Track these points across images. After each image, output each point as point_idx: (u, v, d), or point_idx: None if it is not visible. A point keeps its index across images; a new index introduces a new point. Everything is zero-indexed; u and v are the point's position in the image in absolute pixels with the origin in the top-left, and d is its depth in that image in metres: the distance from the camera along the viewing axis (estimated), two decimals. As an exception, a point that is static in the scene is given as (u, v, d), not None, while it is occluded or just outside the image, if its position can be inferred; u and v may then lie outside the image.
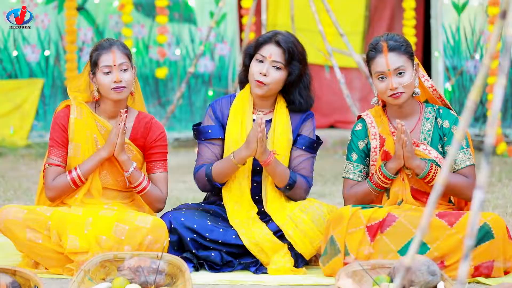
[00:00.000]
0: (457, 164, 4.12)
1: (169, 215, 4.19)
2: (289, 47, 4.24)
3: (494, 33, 2.13)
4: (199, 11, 10.49)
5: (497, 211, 5.73)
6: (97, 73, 4.16)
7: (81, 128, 4.21)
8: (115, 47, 4.18)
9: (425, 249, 3.92)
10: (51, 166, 4.20)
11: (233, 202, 4.26)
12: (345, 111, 10.94)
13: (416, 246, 2.08)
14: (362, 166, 4.20)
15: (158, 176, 4.26)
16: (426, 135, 4.15)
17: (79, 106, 4.24)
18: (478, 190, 2.02)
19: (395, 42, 4.08)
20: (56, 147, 4.21)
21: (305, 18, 10.43)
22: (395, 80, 4.04)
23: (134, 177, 4.17)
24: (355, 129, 4.23)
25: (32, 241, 4.02)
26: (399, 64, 4.04)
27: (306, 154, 4.29)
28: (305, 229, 4.12)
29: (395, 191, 4.12)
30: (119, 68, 4.15)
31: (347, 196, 4.19)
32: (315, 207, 4.19)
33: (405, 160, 4.03)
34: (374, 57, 4.08)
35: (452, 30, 10.38)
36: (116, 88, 4.14)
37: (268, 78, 4.21)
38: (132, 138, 4.26)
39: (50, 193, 4.18)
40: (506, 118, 10.47)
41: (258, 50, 4.26)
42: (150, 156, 4.27)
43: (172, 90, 10.47)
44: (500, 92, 2.04)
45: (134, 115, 4.31)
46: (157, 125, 4.31)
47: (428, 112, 4.18)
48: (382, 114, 4.21)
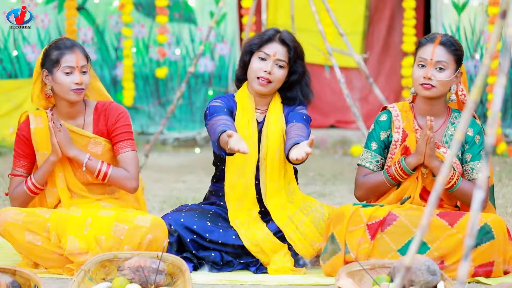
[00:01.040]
0: (473, 172, 4.12)
1: (169, 216, 4.19)
2: (294, 45, 4.25)
3: (494, 33, 2.13)
4: (199, 11, 10.49)
5: (497, 211, 5.72)
6: (56, 72, 4.12)
7: (44, 136, 4.20)
8: (77, 48, 4.14)
9: (425, 248, 3.92)
10: (13, 177, 4.23)
11: (235, 199, 4.25)
12: (345, 111, 10.94)
13: (416, 245, 2.08)
14: (379, 156, 4.20)
15: (124, 155, 4.19)
16: (448, 139, 4.16)
17: (38, 115, 4.23)
18: (478, 190, 2.02)
19: (448, 40, 4.11)
20: (18, 158, 4.24)
21: (305, 18, 10.42)
22: (432, 71, 4.06)
23: (91, 167, 4.12)
24: (380, 119, 4.22)
25: (32, 243, 4.02)
26: (442, 59, 4.07)
27: (298, 123, 4.20)
28: (305, 231, 4.12)
29: (406, 186, 4.12)
30: (80, 70, 4.12)
31: (360, 183, 4.19)
32: (316, 209, 4.19)
33: (426, 158, 4.03)
34: (425, 44, 4.12)
35: (452, 30, 10.38)
36: (76, 90, 4.11)
37: (272, 76, 4.21)
38: (95, 130, 4.23)
39: (13, 203, 4.20)
40: (506, 118, 10.47)
41: (262, 48, 4.25)
42: (114, 138, 4.22)
43: (172, 90, 10.46)
44: (500, 92, 2.04)
45: (92, 107, 4.27)
46: (115, 108, 4.26)
47: (454, 117, 4.19)
48: (408, 110, 4.21)
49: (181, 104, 10.42)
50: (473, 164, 4.12)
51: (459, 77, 4.14)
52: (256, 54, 4.26)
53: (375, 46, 11.19)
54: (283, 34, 4.28)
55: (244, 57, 4.30)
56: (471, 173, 4.12)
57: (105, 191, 4.27)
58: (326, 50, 8.90)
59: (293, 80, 4.27)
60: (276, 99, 4.33)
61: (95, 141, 4.20)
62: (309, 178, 7.79)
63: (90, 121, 4.24)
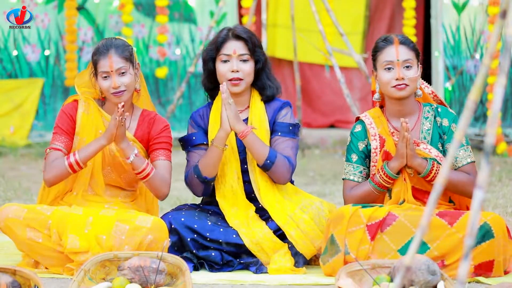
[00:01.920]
0: (458, 161, 4.12)
1: (169, 215, 4.19)
2: (248, 36, 4.27)
3: (494, 32, 2.13)
4: (199, 11, 10.49)
5: (497, 210, 5.73)
6: (98, 77, 4.17)
7: (88, 123, 4.22)
8: (112, 51, 4.14)
9: (425, 248, 3.92)
10: (52, 150, 4.18)
11: (229, 206, 4.25)
12: (345, 111, 10.94)
13: (416, 245, 2.08)
14: (362, 167, 4.20)
15: (163, 162, 4.24)
16: (425, 134, 4.16)
17: (87, 102, 4.25)
18: (478, 189, 2.02)
19: (404, 38, 4.16)
20: (59, 134, 4.21)
21: (305, 18, 10.42)
22: (403, 71, 4.07)
23: (136, 164, 4.12)
24: (354, 130, 4.24)
25: (32, 240, 4.02)
26: (407, 57, 4.09)
27: (283, 138, 4.26)
28: (306, 229, 4.12)
29: (397, 192, 4.12)
30: (117, 73, 4.13)
31: (348, 197, 4.19)
32: (316, 206, 4.19)
33: (408, 159, 4.03)
34: (384, 48, 4.12)
35: (452, 29, 10.38)
36: (115, 93, 4.14)
37: (240, 73, 4.22)
38: (136, 135, 4.27)
39: (47, 174, 4.13)
40: (506, 117, 10.47)
41: (220, 51, 4.25)
42: (154, 146, 4.26)
43: (172, 89, 10.47)
44: (500, 92, 2.04)
45: (138, 113, 4.31)
46: (160, 120, 4.32)
47: (426, 111, 4.19)
48: (380, 115, 4.21)
49: (181, 104, 10.42)
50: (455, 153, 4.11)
51: (421, 71, 4.17)
52: (218, 58, 4.26)
53: (375, 46, 11.18)
54: (236, 29, 4.29)
55: (208, 65, 4.30)
56: (455, 162, 4.13)
57: (119, 194, 4.27)
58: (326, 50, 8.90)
59: (258, 68, 4.28)
60: (254, 97, 4.32)
61: (132, 145, 4.21)
62: (309, 178, 7.79)
63: (134, 125, 4.27)
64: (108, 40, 4.23)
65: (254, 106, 4.31)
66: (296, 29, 9.16)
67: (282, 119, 4.30)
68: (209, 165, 4.19)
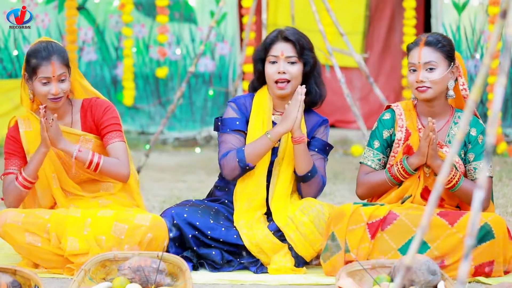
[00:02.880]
0: (476, 172, 4.12)
1: (172, 210, 4.19)
2: (297, 38, 4.28)
3: (494, 32, 2.13)
4: (200, 11, 10.48)
5: (498, 210, 5.73)
6: (35, 81, 4.10)
7: (33, 139, 4.19)
8: (55, 58, 4.09)
9: (425, 248, 3.92)
10: (6, 176, 4.18)
11: (244, 199, 4.25)
12: (345, 111, 10.94)
13: (416, 245, 2.08)
14: (382, 155, 4.21)
15: (114, 145, 4.19)
16: (451, 138, 4.16)
17: (26, 119, 4.23)
18: (479, 189, 2.02)
19: (433, 39, 4.10)
20: (9, 158, 4.20)
21: (305, 18, 10.42)
22: (423, 74, 4.06)
23: (81, 158, 4.09)
24: (383, 117, 4.23)
25: (32, 245, 4.02)
26: (430, 59, 4.07)
27: (319, 155, 4.33)
28: (305, 232, 4.12)
29: (407, 185, 4.12)
30: (58, 79, 4.10)
31: (362, 181, 4.20)
32: (317, 209, 4.18)
33: (428, 158, 4.03)
34: (412, 49, 4.13)
35: (452, 29, 10.38)
36: (53, 99, 4.11)
37: (287, 74, 4.23)
38: (84, 128, 4.24)
39: (7, 201, 4.17)
40: (507, 117, 10.47)
41: (269, 52, 4.27)
42: (103, 131, 4.22)
43: (173, 89, 10.46)
44: (501, 92, 2.04)
45: (79, 104, 4.28)
46: (100, 103, 4.27)
47: (457, 116, 4.19)
48: (412, 109, 4.22)
49: (182, 104, 10.41)
50: (476, 164, 4.11)
51: (456, 71, 4.13)
52: (266, 60, 4.28)
53: (375, 45, 11.19)
54: (285, 31, 4.30)
55: (257, 66, 4.32)
56: (473, 173, 4.12)
57: (100, 188, 4.27)
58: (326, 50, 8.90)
59: (307, 71, 4.29)
60: None
61: (85, 138, 4.21)
62: (309, 177, 7.77)
63: (77, 119, 4.24)
64: (48, 44, 4.14)
65: None
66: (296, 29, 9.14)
67: (321, 135, 4.36)
68: (256, 154, 4.18)
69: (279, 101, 4.33)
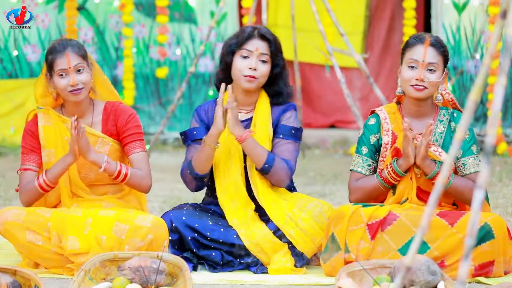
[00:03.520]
0: (465, 168, 4.12)
1: (170, 214, 4.19)
2: (273, 38, 4.28)
3: (494, 32, 2.13)
4: (200, 11, 10.49)
5: (498, 210, 5.73)
6: (54, 77, 4.13)
7: (51, 134, 4.20)
8: (69, 49, 4.12)
9: (425, 248, 3.92)
10: (23, 171, 4.19)
11: (229, 201, 4.25)
12: (345, 111, 10.94)
13: (416, 245, 2.08)
14: (371, 160, 4.20)
15: (137, 156, 4.21)
16: (438, 137, 4.16)
17: (46, 113, 4.23)
18: (479, 189, 2.02)
19: (437, 41, 4.12)
20: (27, 153, 4.21)
21: (305, 18, 10.42)
22: (425, 73, 4.05)
23: (109, 170, 4.10)
24: (368, 123, 4.23)
25: (32, 243, 4.02)
26: (434, 60, 4.07)
27: (285, 141, 4.26)
28: (305, 227, 4.12)
29: (401, 189, 4.12)
30: (74, 70, 4.11)
31: (353, 188, 4.19)
32: (314, 204, 4.19)
33: (419, 158, 4.02)
34: (414, 45, 4.10)
35: (452, 29, 10.38)
36: (73, 91, 4.11)
37: (257, 72, 4.22)
38: (104, 130, 4.24)
39: (22, 198, 4.17)
40: (507, 118, 10.47)
41: (243, 46, 4.25)
42: (125, 139, 4.23)
43: (173, 89, 10.46)
44: (501, 92, 2.04)
45: (101, 107, 4.28)
46: (124, 109, 4.28)
47: (442, 114, 4.19)
48: (396, 111, 4.21)
49: (182, 104, 10.42)
50: (465, 160, 4.12)
51: (445, 77, 4.15)
52: (238, 53, 4.25)
53: (375, 46, 11.19)
54: (262, 29, 4.29)
55: (226, 58, 4.29)
56: (463, 169, 4.12)
57: (107, 191, 4.27)
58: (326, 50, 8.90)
59: (276, 73, 4.28)
60: (262, 97, 4.32)
61: (103, 141, 4.21)
62: (309, 178, 7.79)
63: (98, 120, 4.24)
64: (62, 40, 4.21)
65: (260, 107, 4.30)
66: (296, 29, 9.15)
67: (285, 121, 4.30)
68: (201, 162, 4.19)
69: (244, 97, 4.30)
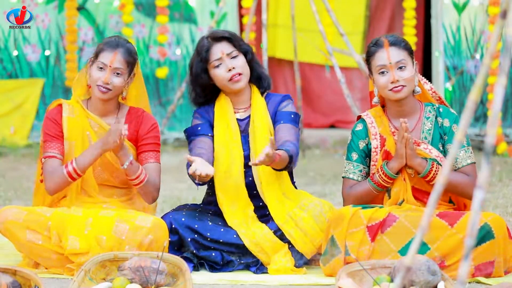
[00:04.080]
0: (458, 162, 4.12)
1: (169, 215, 4.19)
2: (229, 34, 4.29)
3: (494, 32, 2.13)
4: (200, 11, 10.49)
5: (498, 210, 5.72)
6: (93, 65, 4.17)
7: (74, 126, 4.21)
8: (120, 50, 4.15)
9: (425, 249, 3.92)
10: (47, 159, 4.17)
11: (228, 202, 4.24)
12: (345, 111, 10.94)
13: (416, 246, 2.08)
14: (362, 166, 4.20)
15: (151, 166, 4.22)
16: (426, 134, 4.15)
17: (71, 104, 4.23)
18: (479, 189, 2.02)
19: (395, 39, 4.14)
20: (50, 141, 4.19)
21: (305, 18, 10.42)
22: (397, 73, 4.05)
23: (131, 170, 4.11)
24: (356, 129, 4.23)
25: (32, 242, 4.02)
26: (400, 58, 4.07)
27: (286, 125, 4.24)
28: (305, 227, 4.12)
29: (396, 191, 4.12)
30: (113, 71, 4.13)
31: (347, 195, 4.19)
32: (315, 204, 4.19)
33: (407, 158, 4.03)
34: (375, 52, 4.11)
35: (452, 29, 10.38)
36: (101, 87, 4.13)
37: (237, 68, 4.22)
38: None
39: (48, 185, 4.12)
40: (507, 118, 10.47)
41: (209, 58, 4.24)
42: (143, 147, 4.25)
43: (173, 89, 10.47)
44: (501, 92, 2.04)
45: (125, 111, 4.30)
46: (148, 118, 4.29)
47: (428, 111, 4.18)
48: (382, 114, 4.21)
49: (182, 104, 10.42)
50: (457, 154, 4.11)
51: (416, 68, 4.15)
52: (210, 67, 4.25)
53: (375, 46, 11.17)
54: (213, 33, 4.30)
55: (201, 79, 4.27)
56: (455, 163, 4.12)
57: (114, 193, 4.27)
58: (326, 50, 8.90)
59: (250, 59, 4.29)
60: (255, 94, 4.33)
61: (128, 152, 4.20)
62: (309, 178, 7.79)
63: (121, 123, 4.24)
64: (120, 38, 4.25)
65: (256, 103, 4.31)
66: (296, 29, 9.15)
67: (283, 109, 4.30)
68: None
69: (237, 98, 4.31)
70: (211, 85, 4.30)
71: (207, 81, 4.27)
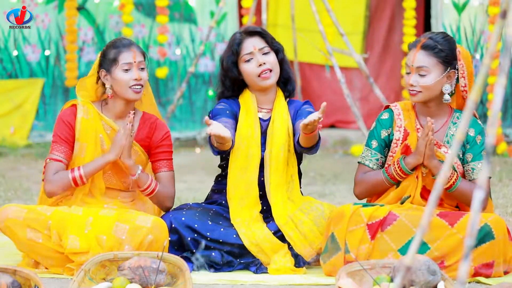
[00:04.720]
0: (474, 173, 4.11)
1: (169, 215, 4.20)
2: (261, 30, 4.32)
3: (494, 32, 2.13)
4: (200, 11, 10.49)
5: (498, 210, 5.72)
6: (115, 71, 4.16)
7: (88, 128, 4.21)
8: (134, 46, 4.20)
9: (425, 248, 3.92)
10: (52, 161, 4.17)
11: (238, 198, 4.24)
12: (345, 111, 10.93)
13: (416, 245, 2.08)
14: (379, 155, 4.20)
15: (164, 175, 4.26)
16: (449, 139, 4.15)
17: (86, 106, 4.24)
18: (478, 189, 2.02)
19: (432, 42, 4.07)
20: (59, 143, 4.20)
21: (305, 18, 10.42)
22: (415, 77, 4.06)
23: (141, 181, 4.15)
24: (381, 117, 4.23)
25: (33, 241, 4.02)
26: (422, 64, 4.05)
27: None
28: (305, 230, 4.12)
29: (405, 185, 4.12)
30: (138, 66, 4.17)
31: (359, 180, 4.20)
32: (316, 207, 4.19)
33: (425, 158, 4.03)
34: (410, 49, 4.13)
35: (452, 29, 10.38)
36: (135, 86, 4.15)
37: (267, 64, 4.23)
38: (137, 139, 4.26)
39: (49, 187, 4.13)
40: (507, 118, 10.47)
41: (240, 53, 4.26)
42: (156, 156, 4.27)
43: (173, 90, 10.46)
44: (501, 92, 2.04)
45: (139, 116, 4.32)
46: (162, 126, 4.32)
47: (456, 117, 4.18)
48: (410, 109, 4.21)
49: (182, 104, 10.42)
50: (474, 165, 4.11)
51: (453, 76, 4.11)
52: (240, 62, 4.26)
53: (375, 46, 11.18)
54: (247, 28, 4.34)
55: (231, 73, 4.28)
56: (471, 173, 4.12)
57: (118, 195, 4.27)
58: (326, 50, 8.90)
59: (281, 58, 4.31)
60: (279, 97, 4.35)
61: (133, 148, 4.22)
62: (309, 178, 7.79)
63: (134, 128, 4.24)
64: (123, 38, 4.27)
65: (278, 105, 4.32)
66: (296, 29, 9.16)
67: (305, 109, 4.30)
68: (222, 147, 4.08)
69: (263, 97, 4.33)
70: (240, 80, 4.31)
71: (236, 75, 4.28)
